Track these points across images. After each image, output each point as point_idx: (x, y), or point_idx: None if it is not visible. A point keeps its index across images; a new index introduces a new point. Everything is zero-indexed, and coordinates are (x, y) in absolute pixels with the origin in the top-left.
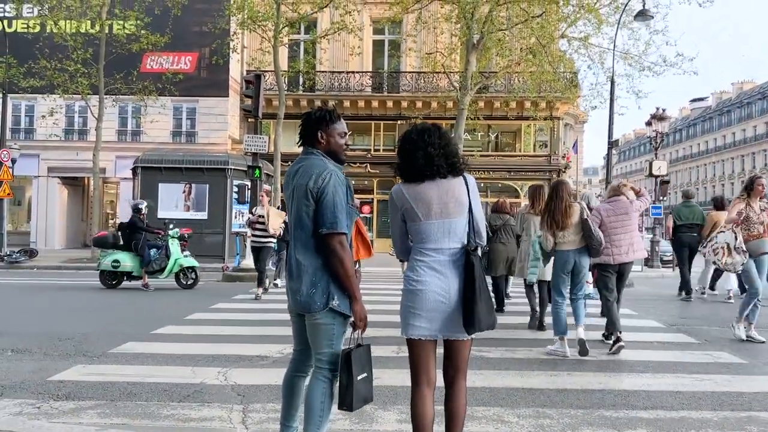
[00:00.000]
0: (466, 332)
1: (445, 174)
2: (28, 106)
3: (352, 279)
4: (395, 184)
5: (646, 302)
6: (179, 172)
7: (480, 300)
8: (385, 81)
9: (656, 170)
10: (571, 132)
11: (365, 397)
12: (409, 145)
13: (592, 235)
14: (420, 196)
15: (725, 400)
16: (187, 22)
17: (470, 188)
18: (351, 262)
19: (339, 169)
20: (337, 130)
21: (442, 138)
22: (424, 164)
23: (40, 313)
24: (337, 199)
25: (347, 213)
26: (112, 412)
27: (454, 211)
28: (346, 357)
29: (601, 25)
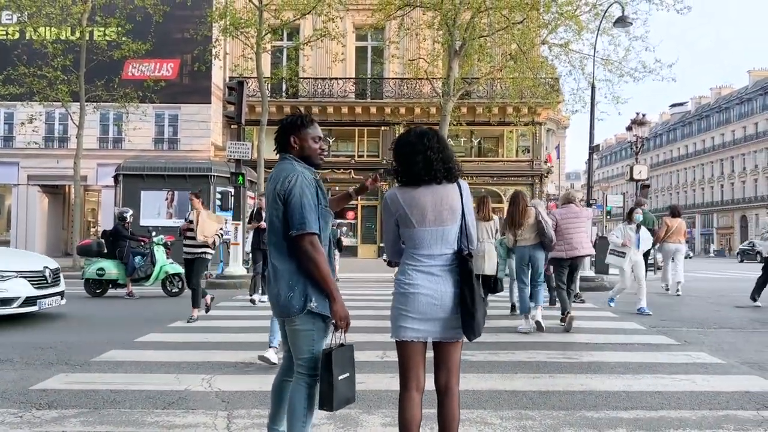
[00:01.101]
0: (467, 338)
1: (441, 179)
2: (7, 113)
3: (327, 279)
4: (389, 189)
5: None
6: (161, 179)
7: (479, 307)
8: (369, 87)
9: (637, 174)
10: (554, 137)
11: (347, 398)
12: (409, 148)
13: (545, 233)
14: (415, 202)
15: (703, 400)
16: (168, 28)
17: (464, 194)
18: (325, 262)
19: (309, 171)
20: (310, 135)
21: (440, 142)
22: (423, 168)
23: (21, 322)
24: (305, 200)
25: (321, 214)
26: (95, 419)
27: (448, 218)
28: (326, 357)
29: (581, 32)
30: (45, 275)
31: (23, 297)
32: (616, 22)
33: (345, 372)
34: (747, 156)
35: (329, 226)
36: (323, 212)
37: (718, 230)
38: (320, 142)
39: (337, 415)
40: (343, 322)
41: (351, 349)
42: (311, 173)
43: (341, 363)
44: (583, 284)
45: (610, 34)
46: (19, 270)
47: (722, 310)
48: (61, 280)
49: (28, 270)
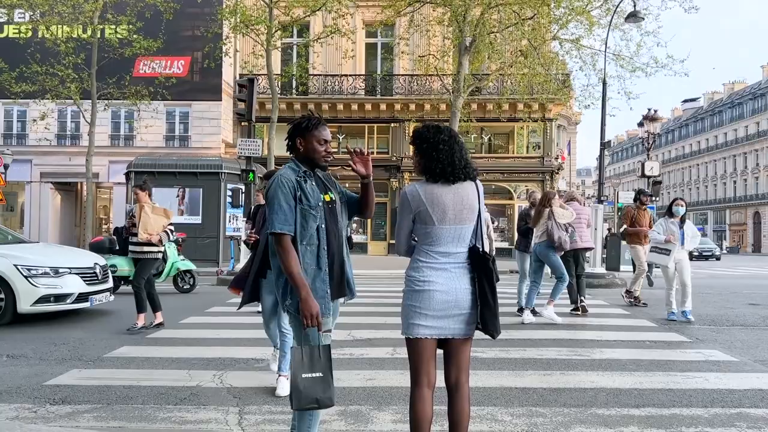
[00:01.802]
0: (490, 336)
1: (465, 178)
2: (21, 111)
3: (293, 275)
4: (409, 184)
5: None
6: (172, 177)
7: (497, 305)
8: (379, 84)
9: (648, 171)
10: (564, 133)
11: (316, 398)
12: (444, 145)
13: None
14: (437, 200)
15: (716, 398)
16: (179, 26)
17: (480, 194)
18: (292, 259)
19: (294, 173)
20: (315, 137)
21: (463, 143)
22: (451, 166)
23: (35, 318)
24: (275, 201)
25: (303, 214)
26: (108, 415)
27: (467, 217)
28: (292, 353)
29: (593, 27)
30: (96, 272)
31: (76, 293)
32: (628, 17)
33: (314, 372)
34: (760, 152)
35: (312, 224)
36: (306, 212)
37: (731, 227)
38: (326, 145)
39: (348, 412)
40: (308, 319)
41: (326, 349)
42: (296, 175)
43: (309, 362)
44: (593, 281)
45: (622, 29)
46: (72, 266)
47: (736, 307)
48: (109, 277)
49: (80, 266)
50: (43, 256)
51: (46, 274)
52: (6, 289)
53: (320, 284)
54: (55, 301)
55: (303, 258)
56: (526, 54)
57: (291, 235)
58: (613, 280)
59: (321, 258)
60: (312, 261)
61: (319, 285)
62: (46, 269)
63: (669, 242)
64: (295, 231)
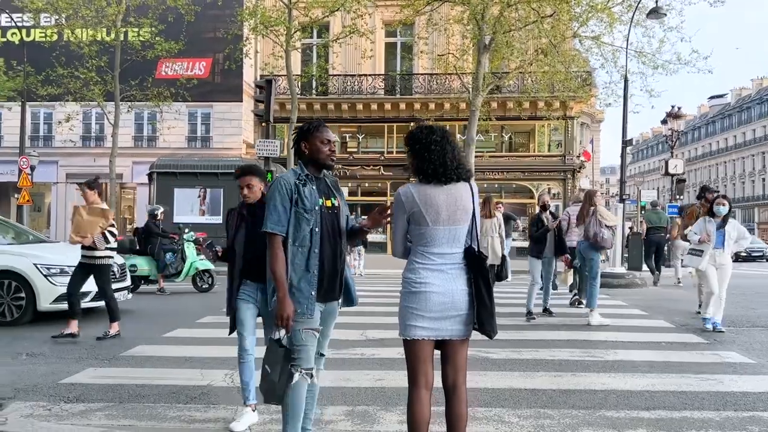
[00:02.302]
0: (487, 336)
1: (458, 179)
2: (47, 113)
3: (275, 274)
4: (404, 185)
5: (659, 302)
6: (194, 177)
7: (494, 305)
8: (398, 83)
9: (672, 169)
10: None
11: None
12: (436, 145)
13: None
14: (431, 201)
15: (729, 400)
16: (201, 28)
17: (474, 195)
18: (277, 260)
19: (294, 176)
20: (318, 138)
21: (456, 143)
22: (444, 166)
23: (56, 318)
24: (271, 203)
25: (299, 216)
26: (119, 413)
27: (461, 218)
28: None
29: (614, 24)
30: (113, 270)
31: (94, 292)
32: (650, 13)
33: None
34: None
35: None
36: (300, 215)
37: (760, 225)
38: (329, 144)
39: (355, 412)
40: (279, 319)
41: (278, 350)
42: (296, 178)
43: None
44: (613, 281)
45: (644, 25)
46: None
47: (759, 308)
48: (127, 275)
49: None
50: (61, 255)
51: (64, 272)
52: (26, 287)
53: (305, 285)
54: None
55: (293, 258)
56: (545, 52)
57: (282, 236)
58: (633, 280)
59: (311, 260)
60: (302, 262)
61: (304, 286)
62: (64, 268)
63: (703, 243)
64: (287, 232)
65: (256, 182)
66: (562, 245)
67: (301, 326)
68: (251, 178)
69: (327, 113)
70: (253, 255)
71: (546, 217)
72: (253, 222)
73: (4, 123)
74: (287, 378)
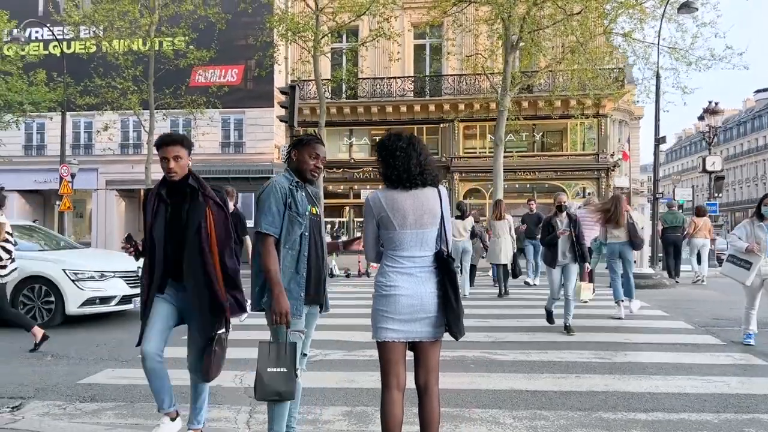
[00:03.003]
0: (453, 337)
1: (425, 184)
2: (87, 122)
3: (269, 273)
4: (372, 191)
5: (683, 303)
6: (226, 183)
7: (461, 307)
8: (427, 85)
9: (710, 166)
10: (626, 128)
11: (278, 392)
12: (401, 152)
13: (636, 234)
14: (397, 205)
15: (732, 402)
16: (232, 35)
17: (443, 200)
18: (270, 259)
19: (287, 181)
20: (307, 151)
21: (425, 149)
22: (418, 172)
23: (82, 320)
24: (265, 204)
25: (291, 220)
26: (129, 412)
27: (428, 222)
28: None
29: (645, 19)
30: (139, 275)
31: (120, 295)
32: (681, 8)
33: (278, 366)
34: None
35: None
36: (293, 219)
37: None
38: (316, 160)
39: (354, 412)
40: (277, 316)
41: (292, 347)
42: (289, 183)
43: (274, 356)
44: (640, 281)
45: (676, 20)
46: (116, 270)
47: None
48: None
49: (124, 270)
50: (89, 260)
51: (92, 277)
52: (56, 292)
53: (295, 287)
54: (100, 303)
55: (283, 260)
56: (573, 50)
57: (275, 238)
58: (661, 281)
59: (300, 263)
60: (291, 264)
61: (294, 287)
62: (92, 273)
63: (751, 252)
64: (280, 234)
65: (185, 154)
66: (582, 252)
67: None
68: (178, 148)
69: (357, 116)
70: (174, 248)
71: (560, 221)
72: (175, 206)
73: (48, 132)
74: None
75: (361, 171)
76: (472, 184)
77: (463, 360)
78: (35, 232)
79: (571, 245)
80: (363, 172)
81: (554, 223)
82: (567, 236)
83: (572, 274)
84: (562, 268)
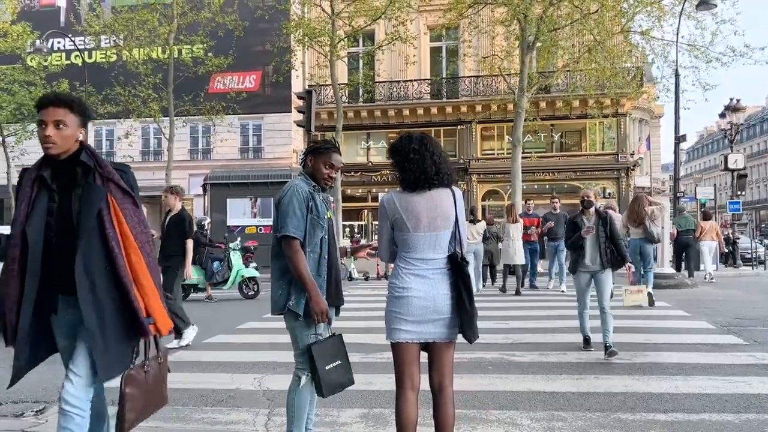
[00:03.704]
0: (467, 340)
1: (438, 185)
2: (108, 130)
3: (303, 277)
4: (387, 193)
5: (705, 302)
6: (245, 187)
7: (474, 310)
8: (444, 87)
9: (732, 164)
10: (647, 127)
11: (340, 383)
12: (415, 154)
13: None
14: (411, 208)
15: (753, 403)
16: (250, 42)
17: (457, 201)
18: (301, 262)
19: (308, 185)
20: (323, 159)
21: (438, 148)
22: (434, 172)
23: None
24: (289, 208)
25: (313, 223)
26: None
27: (442, 225)
28: (308, 350)
29: (663, 17)
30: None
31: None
32: (699, 5)
33: (334, 361)
34: None
35: (319, 234)
36: (315, 222)
37: None
38: (330, 170)
39: (371, 414)
40: (319, 316)
41: (339, 338)
42: (309, 187)
43: (328, 353)
44: (661, 282)
45: (695, 17)
46: None
47: None
48: None
49: None
50: None
51: None
52: None
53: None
54: None
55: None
56: (591, 49)
57: (301, 241)
58: (683, 281)
59: (321, 266)
60: (313, 267)
61: None
62: None
63: None
64: (304, 237)
65: (72, 122)
66: (620, 251)
67: (309, 331)
68: (63, 112)
69: (374, 120)
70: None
71: (586, 219)
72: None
73: None
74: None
75: (378, 174)
76: (490, 186)
77: (481, 362)
78: None
79: (600, 247)
80: (381, 176)
81: (579, 222)
82: (594, 237)
83: (606, 283)
84: (591, 275)
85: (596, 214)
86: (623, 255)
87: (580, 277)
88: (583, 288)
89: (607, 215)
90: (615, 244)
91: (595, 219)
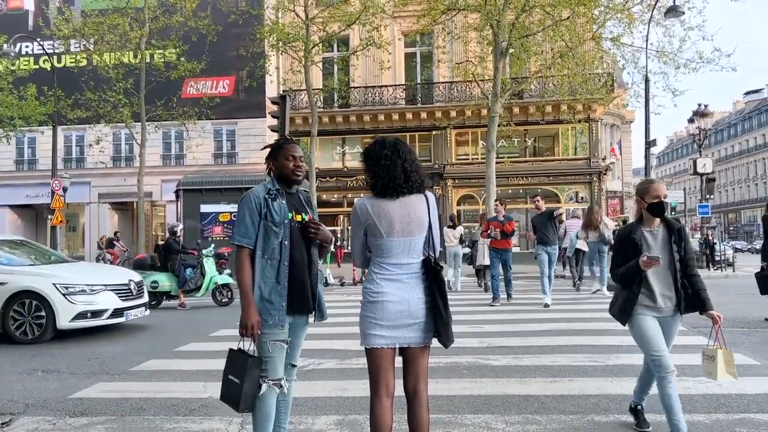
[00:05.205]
0: (443, 345)
1: (411, 191)
2: (78, 136)
3: (240, 285)
4: (360, 198)
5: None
6: (219, 193)
7: (449, 315)
8: (419, 92)
9: (701, 168)
10: (618, 132)
11: (229, 398)
12: (386, 160)
13: (604, 234)
14: (384, 213)
15: (723, 402)
16: (223, 47)
17: (430, 206)
18: (243, 272)
19: (264, 190)
20: (283, 155)
21: (411, 153)
22: (403, 180)
23: (75, 334)
24: (239, 216)
25: (267, 229)
26: (119, 426)
27: (415, 230)
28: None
29: (632, 24)
30: (130, 288)
31: (111, 309)
32: (668, 12)
33: (235, 377)
34: None
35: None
36: (269, 228)
37: None
38: (294, 161)
39: (346, 421)
40: (243, 329)
41: (250, 361)
42: (265, 193)
43: (237, 367)
44: None
45: (664, 25)
46: (107, 283)
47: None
48: (144, 292)
49: (115, 283)
50: (79, 274)
51: (82, 291)
52: (46, 306)
53: (276, 297)
54: (92, 317)
55: (263, 271)
56: (563, 55)
57: (249, 249)
58: None
59: (281, 272)
60: (272, 274)
61: (275, 297)
62: (82, 287)
63: None
64: (255, 244)
65: None
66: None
67: (269, 338)
68: None
69: (349, 125)
70: None
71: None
72: None
73: (39, 147)
74: (257, 387)
75: (354, 179)
76: (465, 191)
77: (456, 366)
78: (25, 247)
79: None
80: (356, 181)
81: (639, 240)
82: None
83: (673, 334)
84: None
85: (666, 227)
86: (702, 300)
87: (647, 322)
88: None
89: (681, 227)
90: (688, 275)
91: (664, 234)
